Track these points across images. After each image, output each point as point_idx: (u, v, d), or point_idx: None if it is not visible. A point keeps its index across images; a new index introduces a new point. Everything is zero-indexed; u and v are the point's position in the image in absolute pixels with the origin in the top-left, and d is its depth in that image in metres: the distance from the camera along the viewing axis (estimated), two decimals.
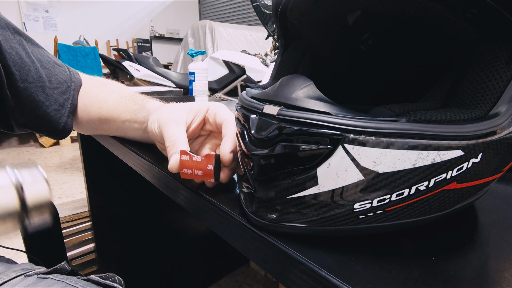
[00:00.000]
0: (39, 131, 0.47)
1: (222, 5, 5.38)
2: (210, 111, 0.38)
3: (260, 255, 0.26)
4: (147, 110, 0.43)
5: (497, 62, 0.22)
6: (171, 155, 0.32)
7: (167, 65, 4.59)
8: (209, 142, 0.40)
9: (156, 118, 0.37)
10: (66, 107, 0.47)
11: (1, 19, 0.41)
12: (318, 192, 0.21)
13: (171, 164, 0.32)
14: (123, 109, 0.46)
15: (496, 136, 0.22)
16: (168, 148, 0.33)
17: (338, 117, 0.20)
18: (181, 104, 0.39)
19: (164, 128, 0.35)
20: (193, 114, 0.37)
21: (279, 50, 0.35)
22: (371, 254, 0.22)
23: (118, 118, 0.46)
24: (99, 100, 0.48)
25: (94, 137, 0.60)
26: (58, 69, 0.48)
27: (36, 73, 0.44)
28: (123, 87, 0.51)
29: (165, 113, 0.37)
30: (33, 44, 0.46)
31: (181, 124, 0.35)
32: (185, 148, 0.33)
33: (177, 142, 0.33)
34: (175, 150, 0.32)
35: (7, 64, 0.40)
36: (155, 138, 0.38)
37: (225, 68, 2.57)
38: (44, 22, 4.19)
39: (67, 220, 0.85)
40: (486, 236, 0.26)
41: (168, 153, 0.33)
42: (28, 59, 0.43)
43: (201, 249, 1.13)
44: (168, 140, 0.34)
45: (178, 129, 0.35)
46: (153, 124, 0.37)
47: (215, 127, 0.38)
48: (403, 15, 0.27)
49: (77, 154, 2.67)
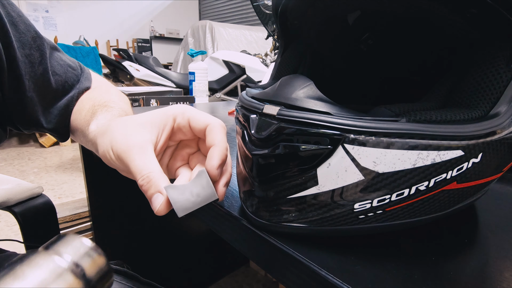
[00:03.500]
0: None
1: (222, 5, 5.38)
2: (180, 120, 0.30)
3: (260, 255, 0.26)
4: (93, 132, 0.36)
5: (497, 62, 0.22)
6: (151, 196, 0.26)
7: (167, 65, 4.59)
8: (179, 154, 0.33)
9: (109, 144, 0.29)
10: (54, 113, 0.45)
11: (23, 23, 0.40)
12: (318, 192, 0.21)
13: (159, 209, 0.26)
14: (86, 123, 0.40)
15: (496, 136, 0.22)
16: (143, 188, 0.27)
17: (338, 117, 0.20)
18: (137, 117, 0.31)
19: (128, 159, 0.27)
20: (156, 129, 0.30)
21: (279, 50, 0.35)
22: (371, 254, 0.22)
23: (83, 132, 0.41)
24: (79, 109, 0.45)
25: None
26: (70, 73, 0.46)
27: (44, 82, 0.43)
28: (108, 95, 0.45)
29: (120, 137, 0.29)
30: (52, 48, 0.45)
31: (148, 149, 0.28)
32: (165, 182, 0.26)
33: (152, 178, 0.26)
34: (155, 189, 0.26)
35: (20, 73, 0.40)
36: (115, 167, 0.31)
37: (225, 68, 2.57)
38: (44, 22, 4.19)
39: (67, 220, 0.85)
40: (486, 236, 0.26)
41: (146, 193, 0.27)
42: (40, 67, 0.42)
43: (201, 249, 1.13)
44: (138, 175, 0.27)
45: (147, 159, 0.27)
46: (107, 153, 0.29)
47: (191, 135, 0.31)
48: (403, 15, 0.27)
49: (77, 154, 2.67)
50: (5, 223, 1.53)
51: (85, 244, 0.24)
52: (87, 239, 0.24)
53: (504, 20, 0.20)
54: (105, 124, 0.35)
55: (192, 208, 0.26)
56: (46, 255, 0.23)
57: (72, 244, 0.24)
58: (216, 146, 0.28)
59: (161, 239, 0.98)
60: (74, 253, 0.24)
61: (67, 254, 0.23)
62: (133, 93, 0.92)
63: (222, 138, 0.28)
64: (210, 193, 0.26)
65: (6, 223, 1.53)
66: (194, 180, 0.26)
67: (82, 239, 0.24)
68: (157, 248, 0.97)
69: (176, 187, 0.25)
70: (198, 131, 0.30)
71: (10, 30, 0.38)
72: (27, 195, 0.64)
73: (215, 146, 0.28)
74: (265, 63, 2.24)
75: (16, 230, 1.45)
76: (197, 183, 0.26)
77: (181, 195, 0.25)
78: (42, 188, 0.68)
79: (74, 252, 0.24)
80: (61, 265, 0.22)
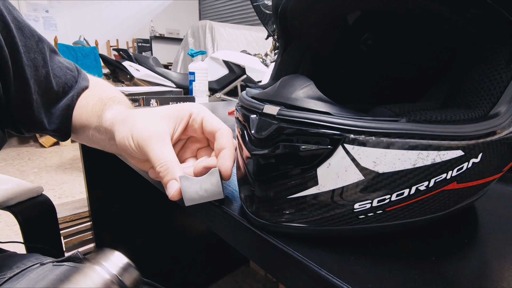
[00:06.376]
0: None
1: (222, 5, 5.38)
2: (195, 117, 0.33)
3: (260, 255, 0.26)
4: (110, 119, 0.37)
5: (497, 62, 0.22)
6: (168, 182, 0.29)
7: (167, 65, 4.59)
8: (189, 147, 0.36)
9: (130, 131, 0.32)
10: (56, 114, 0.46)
11: (27, 27, 0.41)
12: (318, 192, 0.21)
13: (174, 194, 0.28)
14: (96, 114, 0.42)
15: (496, 136, 0.22)
16: (161, 174, 0.29)
17: (338, 117, 0.20)
18: (156, 110, 0.34)
19: (148, 147, 0.30)
20: (174, 122, 0.33)
21: (279, 50, 0.35)
22: (371, 254, 0.22)
23: (91, 125, 0.42)
24: (84, 105, 0.46)
25: None
26: (68, 75, 0.47)
27: (47, 85, 0.43)
28: (112, 92, 0.47)
29: (141, 125, 0.31)
30: (51, 51, 0.46)
31: (167, 140, 0.31)
32: (180, 171, 0.29)
33: (170, 166, 0.29)
34: (171, 176, 0.29)
35: (26, 77, 0.40)
36: (132, 154, 0.33)
37: (225, 68, 2.57)
38: (44, 22, 4.19)
39: (67, 220, 0.85)
40: (486, 236, 0.26)
41: (163, 179, 0.29)
42: (43, 70, 0.43)
43: (201, 249, 1.13)
44: (157, 163, 0.29)
45: (165, 148, 0.30)
46: (126, 140, 0.32)
47: (200, 134, 0.34)
48: (403, 15, 0.27)
49: (77, 154, 2.67)
50: (5, 223, 1.53)
51: (123, 259, 0.30)
52: (121, 254, 0.31)
53: (504, 20, 0.20)
54: (124, 112, 0.37)
55: (198, 201, 0.28)
56: (93, 268, 0.28)
57: (112, 258, 0.30)
58: (228, 149, 0.30)
59: (161, 239, 0.98)
60: (115, 267, 0.29)
61: (110, 267, 0.28)
62: (133, 93, 0.92)
63: (232, 143, 0.31)
64: (217, 191, 0.28)
65: (6, 223, 1.53)
66: (206, 176, 0.28)
67: (119, 254, 0.31)
68: (157, 248, 0.97)
69: (189, 179, 0.28)
70: (208, 132, 0.33)
71: (17, 36, 0.38)
72: (27, 195, 0.65)
73: (228, 148, 0.30)
74: (265, 63, 2.24)
75: (16, 230, 1.45)
76: (207, 180, 0.28)
77: (191, 187, 0.28)
78: (42, 188, 0.68)
79: (115, 266, 0.29)
80: (106, 277, 0.28)
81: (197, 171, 0.30)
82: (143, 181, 0.46)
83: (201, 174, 0.30)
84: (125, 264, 0.29)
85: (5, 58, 0.37)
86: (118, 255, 0.30)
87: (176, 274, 1.05)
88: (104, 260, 0.29)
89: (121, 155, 0.40)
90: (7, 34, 0.37)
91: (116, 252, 0.29)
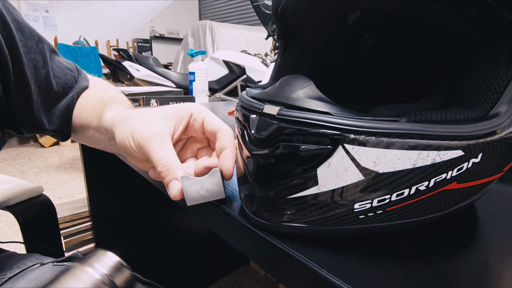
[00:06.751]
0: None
1: (222, 5, 5.38)
2: (196, 117, 0.33)
3: (260, 255, 0.26)
4: (110, 119, 0.37)
5: (497, 62, 0.22)
6: (169, 182, 0.29)
7: (167, 65, 4.59)
8: (189, 147, 0.36)
9: (130, 131, 0.31)
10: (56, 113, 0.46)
11: (27, 27, 0.41)
12: (318, 192, 0.21)
13: (176, 194, 0.29)
14: (96, 114, 0.41)
15: (496, 136, 0.22)
16: (162, 174, 0.29)
17: (338, 117, 0.20)
18: (156, 110, 0.33)
19: (149, 147, 0.30)
20: (174, 121, 0.32)
21: (279, 50, 0.35)
22: (371, 254, 0.22)
23: (91, 125, 0.42)
24: (84, 105, 0.46)
25: None
26: (68, 75, 0.47)
27: (47, 85, 0.43)
28: (112, 92, 0.47)
29: (142, 125, 0.31)
30: (51, 51, 0.46)
31: (167, 140, 0.31)
32: (181, 171, 0.29)
33: (171, 166, 0.29)
34: (172, 176, 0.29)
35: (26, 78, 0.40)
36: (132, 154, 0.33)
37: (225, 68, 2.57)
38: (44, 22, 4.19)
39: (67, 220, 0.85)
40: (486, 236, 0.26)
41: (164, 179, 0.30)
42: (43, 70, 0.43)
43: (201, 249, 1.13)
44: (158, 163, 0.29)
45: (166, 148, 0.30)
46: (126, 140, 0.31)
47: (201, 134, 0.34)
48: (403, 15, 0.27)
49: (77, 154, 2.67)
50: (5, 223, 1.53)
51: (114, 259, 0.29)
52: (113, 254, 0.30)
53: (504, 20, 0.20)
54: (124, 112, 0.37)
55: (200, 200, 0.28)
56: (83, 268, 0.28)
57: (103, 258, 0.29)
58: (230, 149, 0.30)
59: (161, 239, 0.98)
60: (106, 266, 0.29)
61: (101, 267, 0.28)
62: (133, 93, 0.92)
63: (234, 143, 0.31)
64: (218, 191, 0.28)
65: (6, 223, 1.53)
66: (207, 176, 0.28)
67: (111, 254, 0.30)
68: (157, 248, 0.97)
69: (190, 179, 0.28)
70: (209, 132, 0.33)
71: (17, 36, 0.38)
72: (27, 195, 0.65)
73: (230, 148, 0.30)
74: (265, 63, 2.24)
75: (16, 230, 1.45)
76: (208, 180, 0.28)
77: (193, 187, 0.28)
78: (42, 188, 0.68)
79: (106, 266, 0.29)
80: (97, 277, 0.27)
81: (198, 171, 0.30)
82: (143, 181, 0.46)
83: (202, 174, 0.30)
84: (116, 263, 0.29)
85: (5, 58, 0.37)
86: (110, 255, 0.29)
87: (176, 274, 1.05)
88: (95, 261, 0.28)
89: (121, 155, 0.40)
90: (7, 34, 0.37)
91: (108, 252, 0.29)
